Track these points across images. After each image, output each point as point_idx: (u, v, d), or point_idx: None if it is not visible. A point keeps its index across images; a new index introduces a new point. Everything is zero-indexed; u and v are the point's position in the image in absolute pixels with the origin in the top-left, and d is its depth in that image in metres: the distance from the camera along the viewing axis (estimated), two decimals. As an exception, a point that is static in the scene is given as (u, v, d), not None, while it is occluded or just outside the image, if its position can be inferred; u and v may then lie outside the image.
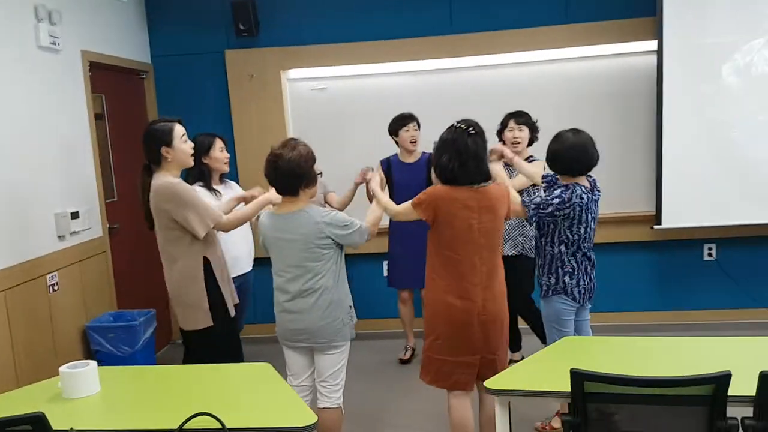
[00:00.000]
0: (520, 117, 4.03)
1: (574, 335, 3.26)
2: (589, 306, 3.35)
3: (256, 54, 5.08)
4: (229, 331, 3.31)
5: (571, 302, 3.21)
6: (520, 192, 3.68)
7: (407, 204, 2.98)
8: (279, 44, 5.08)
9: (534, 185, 3.82)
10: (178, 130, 3.10)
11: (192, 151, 3.19)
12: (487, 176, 2.89)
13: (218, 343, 3.18)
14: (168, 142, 3.06)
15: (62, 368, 2.44)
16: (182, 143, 3.11)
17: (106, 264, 4.37)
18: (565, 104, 4.93)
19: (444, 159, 2.85)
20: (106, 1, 4.62)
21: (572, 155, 3.11)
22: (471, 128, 2.86)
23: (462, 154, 2.81)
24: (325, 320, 2.95)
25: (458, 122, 2.90)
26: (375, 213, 3.18)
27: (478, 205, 2.82)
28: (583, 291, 3.21)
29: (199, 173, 3.74)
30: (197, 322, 3.15)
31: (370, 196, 3.79)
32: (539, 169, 3.86)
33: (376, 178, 3.41)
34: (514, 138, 3.98)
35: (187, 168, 3.30)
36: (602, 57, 4.95)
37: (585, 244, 3.20)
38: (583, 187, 3.12)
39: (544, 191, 3.27)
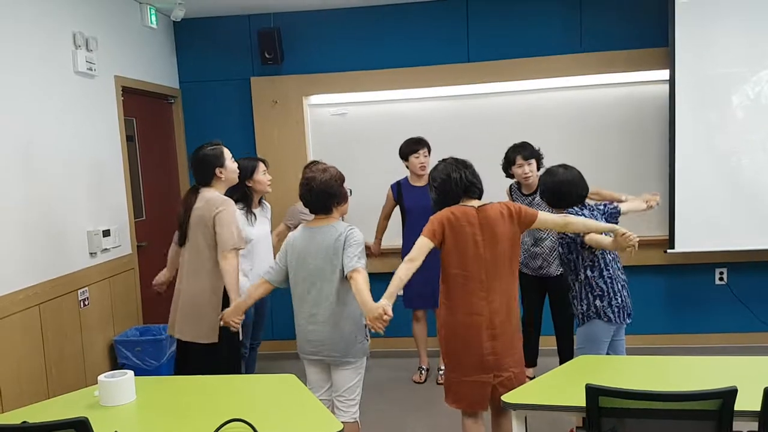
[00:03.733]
0: (525, 151, 4.16)
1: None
2: (627, 323, 3.38)
3: (280, 81, 5.28)
4: (233, 349, 3.45)
5: (607, 324, 3.27)
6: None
7: (418, 241, 3.03)
8: (302, 72, 5.29)
9: None
10: (227, 152, 3.38)
11: (237, 170, 3.39)
12: (481, 188, 3.09)
13: (220, 359, 3.32)
14: (222, 163, 3.32)
15: (101, 377, 2.57)
16: (232, 163, 3.38)
17: (134, 280, 4.53)
18: (579, 130, 5.07)
19: (454, 173, 3.04)
20: (138, 28, 4.84)
21: (562, 190, 3.30)
22: (449, 157, 3.14)
23: (468, 167, 3.07)
24: (341, 334, 3.07)
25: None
26: (363, 293, 2.96)
27: (479, 222, 2.98)
28: (617, 310, 3.27)
29: (242, 195, 3.90)
30: (203, 336, 3.30)
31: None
32: None
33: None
34: (524, 174, 4.14)
35: (231, 191, 3.48)
36: (616, 85, 5.09)
37: (608, 258, 3.27)
38: (574, 209, 3.28)
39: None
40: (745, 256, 4.97)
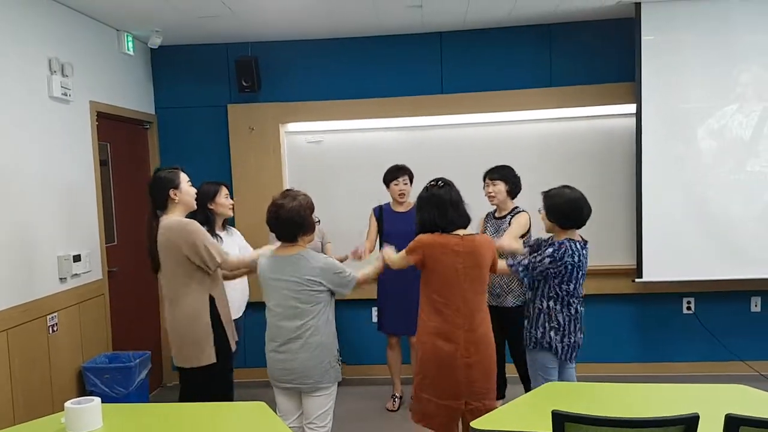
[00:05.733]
0: (494, 173, 4.24)
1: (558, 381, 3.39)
2: (572, 362, 3.46)
3: (257, 108, 5.33)
4: (229, 367, 3.45)
5: (554, 356, 3.36)
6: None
7: (401, 253, 3.21)
8: (279, 100, 5.35)
9: (524, 236, 4.04)
10: (184, 176, 3.35)
11: (196, 196, 3.38)
12: (467, 219, 3.15)
13: (217, 379, 3.30)
14: (176, 185, 3.28)
15: (67, 404, 2.53)
16: (188, 186, 3.34)
17: (104, 306, 4.48)
18: (548, 162, 5.17)
19: (425, 214, 3.12)
20: (115, 55, 4.86)
21: (571, 208, 3.33)
22: (440, 182, 3.17)
23: (439, 206, 3.09)
24: (313, 361, 3.07)
25: (429, 182, 3.22)
26: (369, 273, 3.33)
27: (463, 251, 3.03)
28: (566, 347, 3.35)
29: (204, 219, 3.91)
30: (201, 359, 3.26)
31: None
32: (524, 221, 4.09)
33: (389, 252, 3.38)
34: (488, 193, 4.23)
35: (193, 213, 3.47)
36: (584, 118, 5.24)
37: (573, 300, 3.35)
38: (575, 243, 3.31)
39: (531, 253, 3.45)
40: (712, 285, 5.07)
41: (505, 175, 4.21)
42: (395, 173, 4.61)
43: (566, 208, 3.33)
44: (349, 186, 5.34)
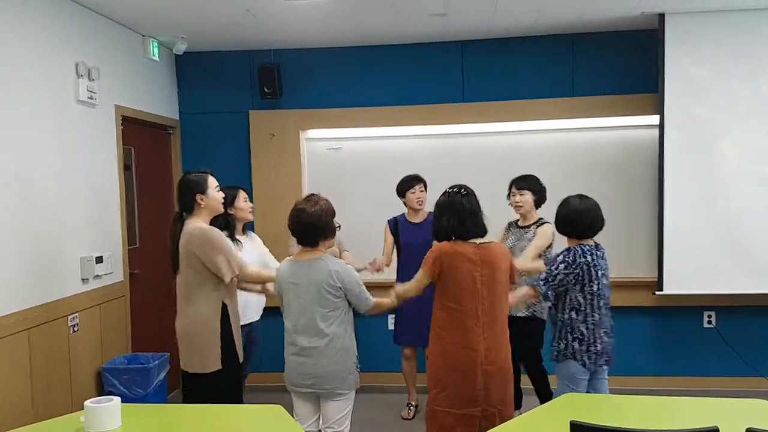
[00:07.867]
0: (521, 182, 4.24)
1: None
2: (606, 369, 3.43)
3: (278, 115, 5.38)
4: (235, 377, 3.44)
5: (581, 367, 3.33)
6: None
7: (417, 274, 3.16)
8: (300, 106, 5.39)
9: (548, 248, 4.04)
10: (212, 180, 3.36)
11: (223, 201, 3.41)
12: (484, 230, 3.14)
13: (222, 387, 3.29)
14: (203, 190, 3.30)
15: (87, 402, 2.56)
16: (215, 192, 3.35)
17: (124, 308, 4.53)
18: (570, 172, 5.13)
19: (444, 221, 3.12)
20: (140, 60, 4.93)
21: (578, 218, 3.35)
22: (463, 189, 3.16)
23: (459, 213, 3.08)
24: (333, 366, 3.08)
25: (450, 187, 3.21)
26: (385, 302, 3.31)
27: (480, 259, 3.03)
28: (594, 356, 3.31)
29: (225, 223, 3.94)
30: (206, 366, 3.27)
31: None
32: (548, 232, 4.06)
33: (401, 286, 3.36)
34: (515, 203, 4.22)
35: (214, 218, 3.50)
36: (606, 129, 5.21)
37: (599, 303, 3.31)
38: (585, 246, 3.31)
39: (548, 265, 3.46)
40: (733, 299, 5.01)
41: (532, 185, 4.21)
42: (410, 182, 4.61)
43: (570, 218, 3.37)
44: (368, 193, 5.36)
